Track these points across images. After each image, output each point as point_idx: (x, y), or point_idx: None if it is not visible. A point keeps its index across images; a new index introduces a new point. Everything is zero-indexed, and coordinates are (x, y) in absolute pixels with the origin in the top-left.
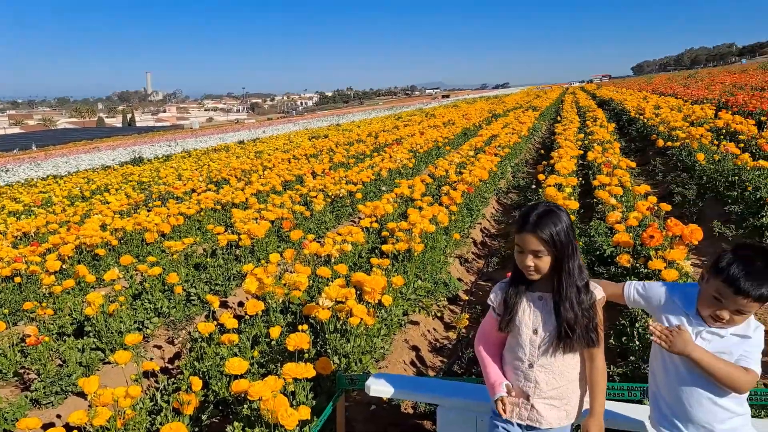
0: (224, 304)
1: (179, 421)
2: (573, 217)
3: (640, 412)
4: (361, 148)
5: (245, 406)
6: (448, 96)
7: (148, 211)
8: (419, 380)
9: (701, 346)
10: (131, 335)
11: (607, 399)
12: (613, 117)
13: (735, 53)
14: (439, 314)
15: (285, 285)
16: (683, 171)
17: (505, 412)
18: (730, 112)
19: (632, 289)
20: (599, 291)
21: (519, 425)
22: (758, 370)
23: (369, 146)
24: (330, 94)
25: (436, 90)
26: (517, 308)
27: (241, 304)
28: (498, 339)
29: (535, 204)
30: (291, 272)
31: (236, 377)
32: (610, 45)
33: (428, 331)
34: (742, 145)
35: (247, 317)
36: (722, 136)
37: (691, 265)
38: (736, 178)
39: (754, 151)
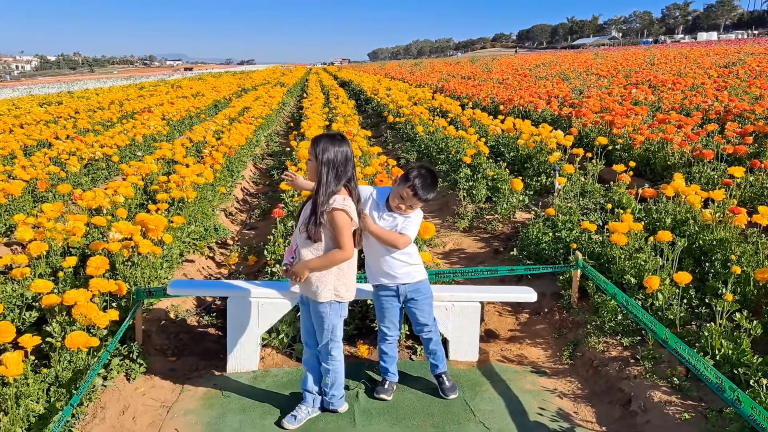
0: None
1: None
2: None
3: (366, 286)
4: (107, 115)
5: (57, 317)
6: (191, 69)
7: None
8: (212, 282)
9: (380, 225)
10: None
11: None
12: (352, 96)
13: (452, 47)
14: (211, 255)
15: (63, 231)
16: (408, 141)
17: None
18: (443, 95)
19: None
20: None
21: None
22: (411, 235)
23: (115, 113)
24: (53, 58)
25: (177, 62)
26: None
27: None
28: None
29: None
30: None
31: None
32: (348, 32)
33: (203, 268)
34: (450, 120)
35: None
36: (437, 114)
37: None
38: (444, 144)
39: (458, 125)
